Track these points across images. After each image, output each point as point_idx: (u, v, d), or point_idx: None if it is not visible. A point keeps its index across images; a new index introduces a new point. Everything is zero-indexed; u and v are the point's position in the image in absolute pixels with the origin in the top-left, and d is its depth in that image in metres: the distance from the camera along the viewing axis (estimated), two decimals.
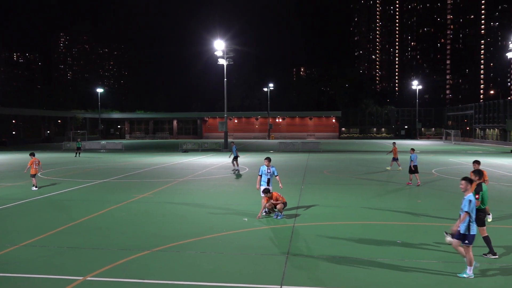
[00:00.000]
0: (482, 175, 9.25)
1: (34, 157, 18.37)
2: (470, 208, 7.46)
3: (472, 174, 9.10)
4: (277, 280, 7.39)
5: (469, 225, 7.48)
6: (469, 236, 7.50)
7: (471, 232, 7.48)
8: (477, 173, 9.13)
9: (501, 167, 27.78)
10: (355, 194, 16.87)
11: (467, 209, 7.46)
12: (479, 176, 9.04)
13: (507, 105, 61.53)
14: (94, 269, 7.94)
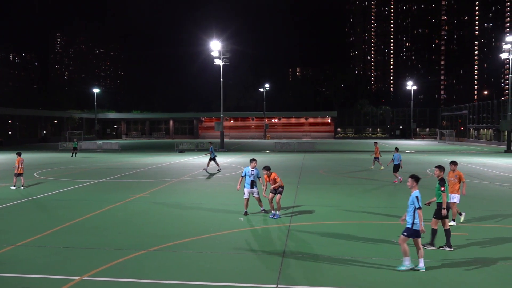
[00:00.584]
0: (444, 170, 9.91)
1: (20, 157, 18.56)
2: (420, 204, 7.84)
3: (437, 169, 9.83)
4: (273, 280, 7.46)
5: (414, 220, 7.90)
6: (409, 230, 7.93)
7: (414, 228, 7.89)
8: (440, 168, 9.83)
9: (495, 167, 28.00)
10: (350, 194, 16.99)
11: (418, 205, 7.85)
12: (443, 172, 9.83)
13: (500, 106, 61.91)
14: (90, 269, 7.98)
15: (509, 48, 44.54)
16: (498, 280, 7.53)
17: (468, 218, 12.53)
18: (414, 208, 7.91)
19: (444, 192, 9.43)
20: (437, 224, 9.44)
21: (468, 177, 22.51)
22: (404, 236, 7.96)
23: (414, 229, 7.89)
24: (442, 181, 9.56)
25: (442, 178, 9.65)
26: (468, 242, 9.91)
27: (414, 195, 7.99)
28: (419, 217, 7.85)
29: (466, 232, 10.82)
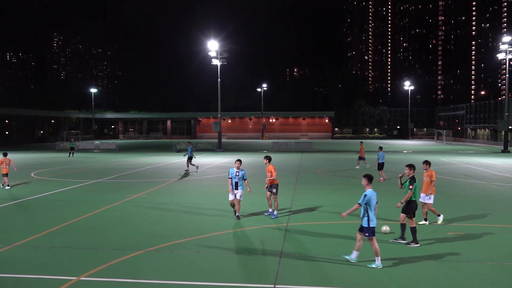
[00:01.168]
0: (415, 169, 10.13)
1: (5, 157, 18.57)
2: (362, 201, 8.12)
3: (407, 168, 10.06)
4: (270, 279, 7.47)
5: (368, 218, 8.10)
6: (368, 229, 8.12)
7: (370, 225, 8.10)
8: (411, 167, 10.03)
9: (492, 167, 28.09)
10: (348, 194, 17.02)
11: (360, 201, 8.17)
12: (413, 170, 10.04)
13: (497, 106, 62.11)
14: (88, 269, 7.97)
15: (506, 48, 44.69)
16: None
17: (466, 218, 12.57)
18: (366, 207, 8.14)
19: (411, 191, 9.69)
20: (405, 219, 9.77)
21: (465, 177, 22.58)
22: (368, 237, 8.18)
23: (371, 226, 8.14)
24: (413, 179, 9.85)
25: (413, 176, 9.91)
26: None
27: (364, 193, 8.24)
28: (352, 209, 8.31)
29: (463, 232, 10.85)
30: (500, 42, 47.48)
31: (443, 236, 10.46)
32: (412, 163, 10.32)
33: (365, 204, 8.14)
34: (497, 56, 47.58)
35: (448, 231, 10.90)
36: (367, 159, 28.46)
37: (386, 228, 10.56)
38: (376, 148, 26.59)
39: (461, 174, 24.15)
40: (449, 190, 17.91)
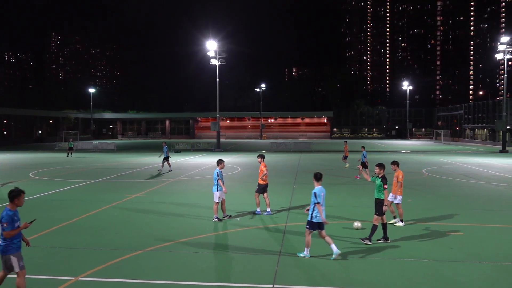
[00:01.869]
0: (385, 168, 10.17)
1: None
2: (318, 199, 8.58)
3: (377, 168, 10.09)
4: (269, 279, 7.48)
5: (313, 213, 8.60)
6: (310, 223, 8.62)
7: (313, 220, 8.59)
8: (380, 166, 10.09)
9: (490, 167, 28.15)
10: (347, 194, 17.04)
11: (316, 200, 8.58)
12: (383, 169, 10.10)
13: (496, 106, 62.22)
14: (86, 269, 7.97)
15: (504, 49, 44.78)
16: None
17: (465, 218, 12.61)
18: (314, 202, 8.59)
19: (386, 190, 9.75)
20: (378, 220, 9.79)
21: (464, 177, 22.62)
22: (307, 229, 8.69)
23: (313, 221, 8.59)
24: (384, 179, 9.88)
25: (384, 176, 9.97)
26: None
27: (313, 191, 8.65)
28: (319, 211, 8.54)
29: (462, 232, 10.88)
30: (498, 42, 47.56)
31: (441, 236, 10.48)
32: (382, 163, 10.32)
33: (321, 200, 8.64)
34: (496, 56, 47.64)
35: (446, 231, 10.92)
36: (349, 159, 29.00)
37: (357, 224, 11.09)
38: (376, 149, 26.59)
39: (460, 174, 24.20)
40: (447, 190, 17.95)
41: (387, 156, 39.11)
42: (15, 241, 6.35)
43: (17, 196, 6.40)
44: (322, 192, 8.73)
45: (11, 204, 6.39)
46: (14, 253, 6.31)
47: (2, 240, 6.24)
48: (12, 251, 6.29)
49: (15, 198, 6.38)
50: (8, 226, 6.17)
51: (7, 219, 6.20)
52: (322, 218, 8.59)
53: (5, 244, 6.25)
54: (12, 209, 6.34)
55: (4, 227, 6.15)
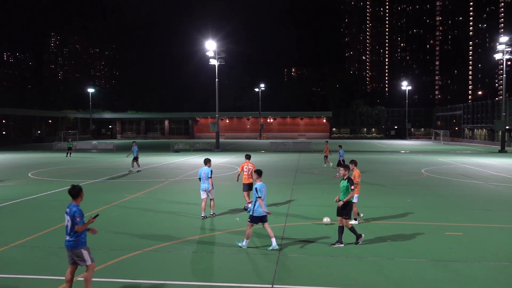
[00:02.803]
0: (349, 169, 10.23)
1: None
2: (259, 194, 9.13)
3: (342, 169, 10.07)
4: (268, 279, 7.48)
5: (254, 208, 9.14)
6: (251, 217, 9.19)
7: (254, 214, 9.12)
8: (346, 167, 10.11)
9: (489, 167, 28.17)
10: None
11: (258, 195, 9.13)
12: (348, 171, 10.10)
13: (495, 106, 62.29)
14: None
15: (503, 49, 44.83)
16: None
17: (464, 218, 12.62)
18: (256, 197, 9.11)
19: (354, 191, 9.68)
20: (348, 222, 9.62)
21: (463, 177, 22.64)
22: (249, 222, 9.24)
23: (255, 215, 9.14)
24: (351, 180, 9.79)
25: (349, 177, 9.87)
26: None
27: (255, 186, 9.22)
28: (260, 205, 9.07)
29: (461, 232, 10.89)
30: (497, 42, 47.64)
31: (440, 236, 10.49)
32: (348, 164, 10.41)
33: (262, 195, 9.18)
34: (495, 57, 47.69)
35: (445, 231, 10.93)
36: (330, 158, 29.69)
37: (327, 220, 11.34)
38: (375, 149, 26.60)
39: (459, 174, 24.22)
40: (446, 190, 17.97)
41: (386, 156, 39.14)
42: (83, 235, 6.64)
43: (80, 192, 6.71)
44: (263, 187, 9.30)
45: (76, 200, 6.66)
46: (84, 246, 6.61)
47: (70, 236, 6.51)
48: (82, 245, 6.59)
49: (79, 194, 6.68)
50: (81, 220, 6.50)
51: (80, 213, 6.52)
52: (264, 210, 9.15)
53: (75, 239, 6.52)
54: (78, 204, 6.65)
55: (78, 221, 6.45)
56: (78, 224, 6.45)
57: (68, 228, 6.51)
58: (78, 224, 6.45)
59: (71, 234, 6.51)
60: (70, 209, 6.52)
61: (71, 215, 6.48)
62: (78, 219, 6.44)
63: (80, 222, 6.47)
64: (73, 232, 6.50)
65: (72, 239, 6.50)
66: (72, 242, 6.51)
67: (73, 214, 6.46)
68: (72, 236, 6.50)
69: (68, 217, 6.51)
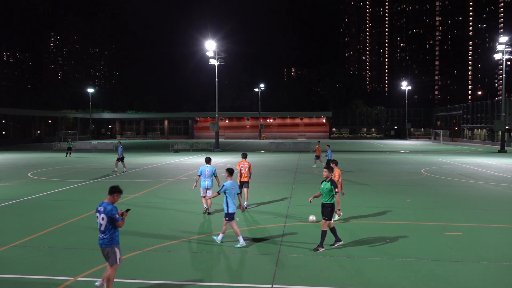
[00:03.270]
0: (333, 171, 10.03)
1: None
2: (220, 190, 9.51)
3: (326, 171, 9.67)
4: (268, 279, 7.47)
5: (228, 205, 9.43)
6: (227, 214, 9.47)
7: (229, 211, 9.44)
8: (329, 169, 9.74)
9: (489, 167, 28.18)
10: (345, 194, 17.01)
11: (218, 190, 9.54)
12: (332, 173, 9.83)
13: (494, 106, 62.32)
14: (85, 269, 7.95)
15: (502, 49, 44.84)
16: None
17: (464, 218, 12.61)
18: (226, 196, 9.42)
19: (337, 194, 9.52)
20: (326, 225, 9.32)
21: (462, 177, 22.65)
22: (228, 221, 9.50)
23: (230, 212, 9.44)
24: (334, 183, 9.46)
25: (332, 179, 9.55)
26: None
27: (223, 184, 9.53)
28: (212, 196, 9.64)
29: (460, 232, 10.89)
30: (497, 42, 47.62)
31: (440, 236, 10.49)
32: (331, 166, 10.21)
33: (224, 193, 9.43)
34: (494, 57, 47.68)
35: (445, 231, 10.93)
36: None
37: (312, 218, 10.97)
38: (375, 149, 26.62)
39: (458, 174, 24.22)
40: (446, 190, 17.97)
41: (386, 156, 39.15)
42: (117, 233, 6.65)
43: (117, 192, 6.69)
44: (233, 186, 9.56)
45: (111, 197, 6.65)
46: (117, 245, 6.64)
47: (105, 234, 6.53)
48: (116, 243, 6.62)
49: (115, 192, 6.67)
50: (120, 216, 6.53)
51: (117, 210, 6.54)
52: (227, 208, 9.44)
53: (110, 237, 6.54)
54: (112, 202, 6.65)
55: (118, 218, 6.49)
56: (118, 220, 6.51)
57: (103, 226, 6.50)
58: (118, 220, 6.51)
59: (106, 232, 6.52)
60: (105, 208, 6.51)
61: (107, 213, 6.48)
62: (117, 215, 6.50)
63: (119, 218, 6.52)
64: (108, 230, 6.51)
65: (107, 236, 6.52)
66: (107, 240, 6.52)
67: (111, 211, 6.48)
68: (107, 233, 6.52)
69: (103, 215, 6.48)
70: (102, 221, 6.48)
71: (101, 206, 6.55)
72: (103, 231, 6.51)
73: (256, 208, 13.92)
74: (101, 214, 6.51)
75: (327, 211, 9.33)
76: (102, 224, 6.49)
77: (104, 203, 6.59)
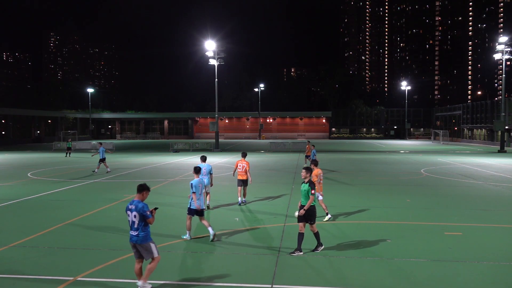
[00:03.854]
0: (311, 172, 9.67)
1: None
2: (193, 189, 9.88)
3: (304, 171, 9.45)
4: (268, 279, 7.47)
5: (191, 201, 9.97)
6: (188, 209, 10.06)
7: (191, 207, 9.95)
8: (307, 170, 9.46)
9: (488, 167, 28.19)
10: (345, 194, 17.04)
11: (193, 190, 9.88)
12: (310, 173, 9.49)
13: (494, 106, 62.33)
14: (85, 269, 7.95)
15: (502, 49, 44.85)
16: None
17: (464, 218, 12.62)
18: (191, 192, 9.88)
19: (313, 196, 8.95)
20: (303, 227, 8.93)
21: (462, 177, 22.66)
22: (187, 215, 10.08)
23: (191, 208, 9.94)
24: (312, 184, 9.13)
25: (311, 181, 9.24)
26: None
27: (191, 182, 9.90)
28: (194, 199, 9.80)
29: (460, 232, 10.89)
30: (496, 42, 47.63)
31: (440, 236, 10.50)
32: (309, 166, 9.86)
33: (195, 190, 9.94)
34: (494, 57, 47.69)
35: (444, 231, 10.93)
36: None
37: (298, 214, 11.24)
38: (374, 149, 26.59)
39: (458, 174, 24.23)
40: (446, 190, 17.98)
41: (385, 156, 39.16)
42: (149, 229, 6.97)
43: (146, 190, 7.02)
44: (200, 183, 9.99)
45: (140, 195, 6.95)
46: (151, 240, 6.96)
47: (139, 231, 6.82)
48: (150, 239, 6.94)
49: (144, 190, 6.99)
50: (150, 214, 6.84)
51: (148, 207, 6.85)
52: (195, 205, 9.76)
53: (144, 234, 6.85)
54: (142, 200, 6.95)
55: (149, 215, 6.82)
56: (150, 217, 6.79)
57: (136, 223, 6.78)
58: (150, 217, 6.79)
59: (139, 229, 6.79)
60: (136, 205, 6.79)
61: (138, 210, 6.75)
62: (148, 212, 6.78)
63: (150, 215, 6.80)
64: (141, 227, 6.79)
65: (142, 233, 6.80)
66: (141, 236, 6.79)
67: (143, 208, 6.76)
68: (141, 230, 6.79)
69: (135, 213, 6.77)
70: (135, 219, 6.78)
71: (132, 204, 6.84)
72: (136, 228, 6.81)
73: (256, 208, 13.92)
74: (132, 212, 6.79)
75: (309, 214, 8.94)
76: (135, 221, 6.79)
77: (134, 201, 6.86)
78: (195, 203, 9.80)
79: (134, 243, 6.86)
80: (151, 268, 6.92)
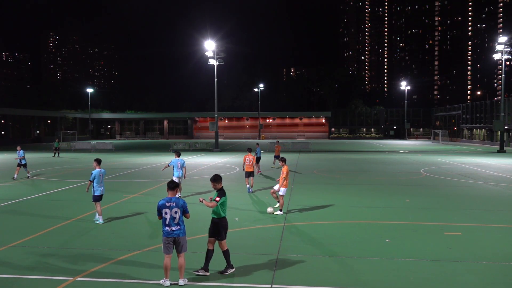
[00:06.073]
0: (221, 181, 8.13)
1: None
2: (92, 177, 11.46)
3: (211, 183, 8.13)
4: (267, 280, 7.48)
5: (94, 189, 11.51)
6: (93, 196, 11.58)
7: (95, 193, 11.52)
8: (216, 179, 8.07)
9: (488, 167, 28.21)
10: (345, 194, 17.04)
11: (91, 178, 11.46)
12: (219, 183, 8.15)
13: (493, 106, 62.36)
14: (84, 269, 7.95)
15: (502, 49, 44.87)
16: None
17: (463, 218, 12.63)
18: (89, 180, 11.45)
19: (216, 203, 7.84)
20: (213, 244, 7.99)
21: (461, 177, 22.68)
22: (94, 201, 11.61)
23: (95, 194, 11.50)
24: (222, 192, 8.00)
25: (221, 189, 8.06)
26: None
27: (91, 172, 11.53)
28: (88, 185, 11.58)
29: (460, 232, 10.90)
30: (496, 42, 47.65)
31: (440, 236, 10.50)
32: (219, 175, 8.17)
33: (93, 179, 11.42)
34: (493, 57, 47.72)
35: (444, 231, 10.94)
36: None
37: (271, 210, 12.53)
38: (374, 149, 26.60)
39: (458, 174, 24.24)
40: (445, 190, 17.99)
41: (385, 156, 39.17)
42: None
43: (177, 186, 7.50)
44: (101, 173, 11.58)
45: (173, 192, 7.39)
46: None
47: (180, 225, 7.31)
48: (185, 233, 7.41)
49: (177, 187, 7.47)
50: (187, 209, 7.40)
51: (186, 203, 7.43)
52: (86, 191, 11.67)
53: (184, 227, 7.38)
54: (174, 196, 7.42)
55: (187, 210, 7.39)
56: (188, 212, 7.41)
57: (176, 219, 7.23)
58: (188, 212, 7.41)
59: (180, 223, 7.29)
60: (176, 202, 7.27)
61: (180, 206, 7.27)
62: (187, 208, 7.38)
63: (188, 211, 7.42)
64: (181, 221, 7.30)
65: (183, 227, 7.33)
66: (183, 230, 7.30)
67: (184, 203, 7.32)
68: (182, 224, 7.31)
69: (176, 209, 7.21)
70: (176, 214, 7.21)
71: (171, 202, 7.25)
72: (178, 223, 7.24)
73: (255, 208, 13.92)
74: (172, 208, 7.20)
75: (217, 228, 7.93)
76: (176, 217, 7.22)
77: (172, 198, 7.30)
78: (86, 190, 11.70)
79: (176, 236, 7.18)
80: (183, 263, 7.29)
